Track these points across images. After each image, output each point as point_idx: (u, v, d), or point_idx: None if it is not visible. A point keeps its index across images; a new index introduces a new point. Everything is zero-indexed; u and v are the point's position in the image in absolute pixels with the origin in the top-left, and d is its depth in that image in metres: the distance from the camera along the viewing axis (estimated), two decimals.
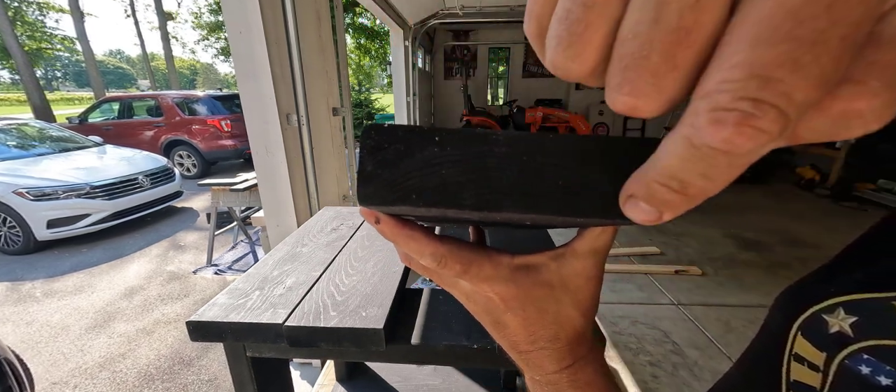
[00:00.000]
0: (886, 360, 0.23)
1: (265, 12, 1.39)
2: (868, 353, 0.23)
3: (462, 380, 1.36)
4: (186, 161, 7.10)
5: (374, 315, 0.54)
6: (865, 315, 0.24)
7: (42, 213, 3.62)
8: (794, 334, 0.27)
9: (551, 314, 0.26)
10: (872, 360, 0.23)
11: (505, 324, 0.26)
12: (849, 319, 0.24)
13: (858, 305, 0.24)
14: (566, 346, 0.26)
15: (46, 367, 2.19)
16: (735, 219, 4.06)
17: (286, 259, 0.73)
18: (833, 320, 0.25)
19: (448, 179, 0.18)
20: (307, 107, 1.60)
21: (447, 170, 0.18)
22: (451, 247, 0.24)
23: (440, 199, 0.18)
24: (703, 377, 1.90)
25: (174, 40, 26.62)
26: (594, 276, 0.26)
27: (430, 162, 0.18)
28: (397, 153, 0.18)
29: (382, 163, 0.18)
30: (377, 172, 0.18)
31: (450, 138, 0.17)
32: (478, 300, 0.26)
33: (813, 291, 0.27)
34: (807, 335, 0.26)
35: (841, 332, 0.24)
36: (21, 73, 11.61)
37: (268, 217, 1.74)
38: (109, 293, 3.00)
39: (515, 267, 0.25)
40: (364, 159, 0.18)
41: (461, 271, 0.24)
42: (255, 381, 0.59)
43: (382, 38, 12.34)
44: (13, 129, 4.64)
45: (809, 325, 0.26)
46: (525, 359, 0.28)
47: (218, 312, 0.55)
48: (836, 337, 0.25)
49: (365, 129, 0.18)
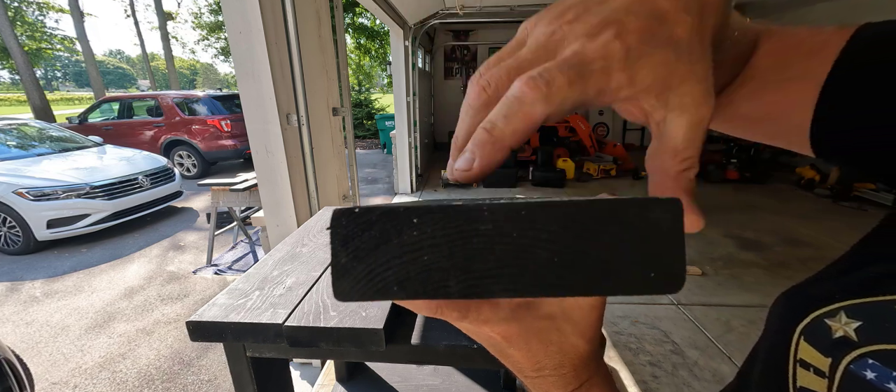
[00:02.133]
0: (892, 364, 0.22)
1: (265, 12, 1.39)
2: (873, 357, 0.23)
3: (462, 380, 1.36)
4: (186, 161, 7.10)
5: (374, 315, 0.54)
6: (869, 319, 0.24)
7: (42, 213, 3.62)
8: (797, 340, 0.27)
9: (555, 345, 0.25)
10: (877, 364, 0.23)
11: (509, 355, 0.26)
12: (852, 324, 0.24)
13: (861, 309, 0.24)
14: (571, 371, 0.26)
15: (46, 367, 2.19)
16: (735, 219, 4.06)
17: (286, 259, 0.73)
18: (836, 325, 0.25)
19: (431, 266, 0.16)
20: (307, 107, 1.60)
21: (429, 255, 0.16)
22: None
23: (423, 290, 0.16)
24: (703, 377, 1.90)
25: (174, 40, 26.63)
26: (597, 305, 0.25)
27: (409, 247, 0.16)
28: (372, 241, 0.16)
29: (357, 254, 0.16)
30: (352, 265, 0.16)
31: (429, 218, 0.16)
32: (481, 338, 0.26)
33: (813, 295, 0.27)
34: (810, 340, 0.26)
35: (845, 336, 0.24)
36: (21, 73, 11.61)
37: (268, 217, 1.74)
38: (109, 293, 3.00)
39: (515, 305, 0.25)
40: (337, 251, 0.16)
41: (459, 317, 0.23)
42: (254, 381, 0.59)
43: (382, 38, 12.34)
44: (13, 129, 4.64)
45: (812, 330, 0.26)
46: (531, 383, 0.28)
47: (218, 312, 0.55)
48: (840, 342, 0.24)
49: (334, 216, 0.16)
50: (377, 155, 9.01)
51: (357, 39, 12.43)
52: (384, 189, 5.92)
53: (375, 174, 6.97)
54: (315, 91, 1.79)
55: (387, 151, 9.03)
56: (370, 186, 6.12)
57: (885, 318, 0.23)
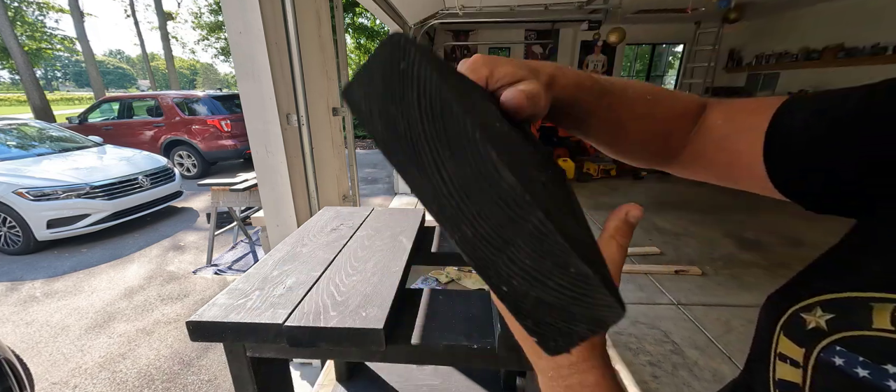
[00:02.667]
0: (858, 350, 0.24)
1: (265, 12, 1.39)
2: (841, 344, 0.25)
3: (462, 380, 1.35)
4: (186, 161, 7.10)
5: (374, 315, 0.54)
6: (841, 311, 0.25)
7: (42, 213, 3.62)
8: (778, 334, 0.29)
9: None
10: (844, 350, 0.25)
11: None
12: (825, 316, 0.26)
13: (836, 304, 0.26)
14: (580, 351, 0.29)
15: (46, 367, 2.19)
16: (735, 219, 4.06)
17: (286, 259, 0.73)
18: (810, 317, 0.27)
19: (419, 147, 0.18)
20: (307, 107, 1.60)
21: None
22: None
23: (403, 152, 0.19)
24: (703, 377, 1.90)
25: (174, 40, 26.62)
26: None
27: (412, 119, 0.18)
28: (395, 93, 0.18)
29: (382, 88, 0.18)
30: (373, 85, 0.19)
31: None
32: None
33: (795, 292, 0.29)
34: (788, 334, 0.28)
35: (817, 327, 0.26)
36: (21, 72, 11.60)
37: (268, 217, 1.74)
38: (109, 293, 3.00)
39: None
40: (372, 65, 0.18)
41: None
42: (255, 381, 0.59)
43: (382, 38, 12.31)
44: (13, 129, 4.64)
45: (790, 325, 0.28)
46: (539, 367, 0.31)
47: (218, 312, 0.55)
48: (812, 332, 0.26)
49: (399, 42, 0.18)
50: (377, 155, 9.01)
51: (357, 39, 12.43)
52: (384, 189, 5.92)
53: (375, 174, 6.97)
54: (315, 91, 1.79)
55: None
56: (370, 186, 6.12)
57: (855, 311, 0.24)
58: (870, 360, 0.23)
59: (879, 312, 0.24)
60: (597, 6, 5.55)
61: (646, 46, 8.61)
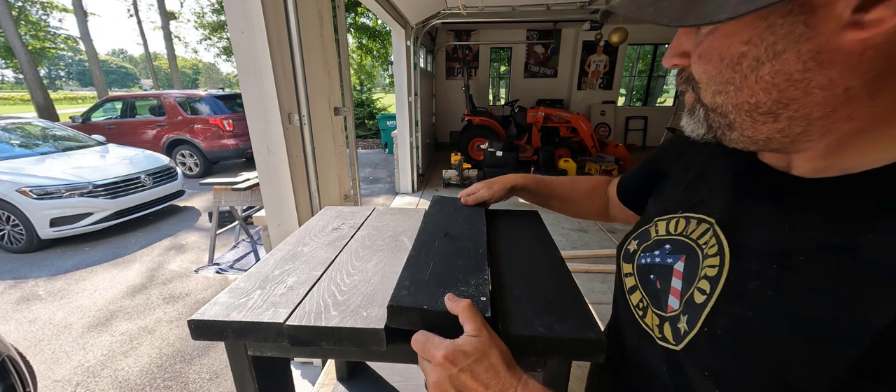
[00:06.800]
0: (649, 250, 0.47)
1: (267, 12, 1.39)
2: (643, 251, 0.48)
3: None
4: (188, 160, 7.12)
5: (375, 315, 0.54)
6: (642, 236, 0.50)
7: (45, 212, 3.63)
8: (619, 262, 0.54)
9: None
10: (644, 254, 0.48)
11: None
12: (635, 242, 0.51)
13: (640, 233, 0.51)
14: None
15: (49, 365, 2.20)
16: None
17: (287, 258, 0.73)
18: (631, 244, 0.52)
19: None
20: (309, 106, 1.60)
21: None
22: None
23: None
24: None
25: (177, 40, 26.66)
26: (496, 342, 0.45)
27: None
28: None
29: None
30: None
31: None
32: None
33: (625, 237, 0.55)
34: (624, 259, 0.52)
35: (634, 249, 0.51)
36: (24, 72, 11.64)
37: (269, 216, 1.74)
38: (111, 292, 3.01)
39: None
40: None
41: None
42: (256, 379, 0.59)
43: (384, 38, 12.34)
44: (17, 127, 4.66)
45: (624, 253, 0.53)
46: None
47: (219, 311, 0.55)
48: (632, 252, 0.51)
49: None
50: (378, 154, 9.01)
51: (359, 39, 12.44)
52: (386, 189, 5.92)
53: (377, 174, 6.97)
54: (317, 91, 1.79)
55: (388, 151, 9.03)
56: (371, 186, 6.12)
57: (647, 232, 0.50)
58: (653, 252, 0.46)
59: (658, 226, 0.48)
60: (599, 6, 5.53)
61: (648, 46, 8.59)
